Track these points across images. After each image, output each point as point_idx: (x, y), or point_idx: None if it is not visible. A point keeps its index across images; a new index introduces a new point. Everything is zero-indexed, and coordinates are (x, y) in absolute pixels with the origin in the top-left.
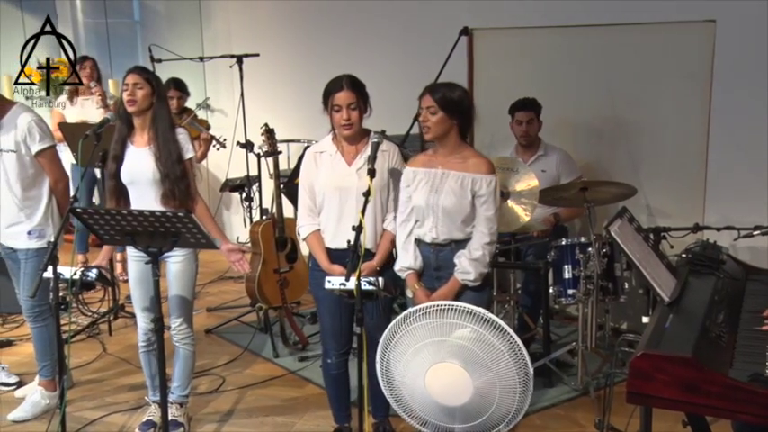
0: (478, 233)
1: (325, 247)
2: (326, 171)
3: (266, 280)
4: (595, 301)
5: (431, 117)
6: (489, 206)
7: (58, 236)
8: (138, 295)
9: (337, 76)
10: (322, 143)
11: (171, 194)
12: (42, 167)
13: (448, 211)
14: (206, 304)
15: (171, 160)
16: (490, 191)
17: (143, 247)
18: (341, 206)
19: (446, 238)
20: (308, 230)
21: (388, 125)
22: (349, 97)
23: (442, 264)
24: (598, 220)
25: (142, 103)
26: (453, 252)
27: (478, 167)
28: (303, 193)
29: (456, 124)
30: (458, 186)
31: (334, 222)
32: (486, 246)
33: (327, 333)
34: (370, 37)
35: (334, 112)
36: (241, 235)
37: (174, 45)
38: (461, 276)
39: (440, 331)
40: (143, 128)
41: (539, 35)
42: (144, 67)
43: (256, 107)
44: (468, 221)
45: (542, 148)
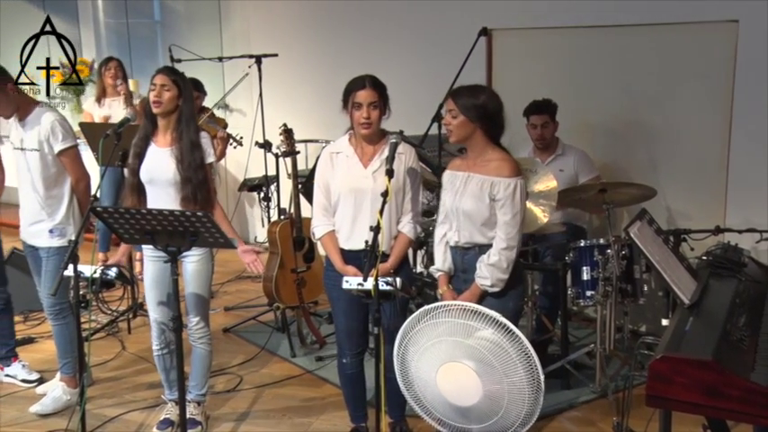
0: (497, 238)
1: (339, 247)
2: (342, 172)
3: (284, 280)
4: (614, 303)
5: (452, 120)
6: (507, 210)
7: (78, 234)
8: (154, 295)
9: (359, 76)
10: (338, 143)
11: (192, 198)
12: (64, 166)
13: (468, 215)
14: (224, 303)
15: (194, 165)
16: (507, 194)
17: (162, 246)
18: (356, 208)
19: (468, 242)
20: (322, 231)
21: (405, 126)
22: (370, 96)
23: (468, 267)
24: (617, 221)
25: (168, 105)
26: (477, 255)
27: (500, 170)
28: (318, 193)
29: (479, 128)
30: (477, 189)
31: (348, 224)
32: (503, 251)
33: (342, 333)
34: (388, 37)
35: (354, 109)
36: (259, 234)
37: (193, 45)
38: (480, 282)
39: (459, 331)
40: (167, 128)
41: (558, 35)
42: (173, 69)
43: (275, 107)
44: (489, 225)
45: (560, 148)
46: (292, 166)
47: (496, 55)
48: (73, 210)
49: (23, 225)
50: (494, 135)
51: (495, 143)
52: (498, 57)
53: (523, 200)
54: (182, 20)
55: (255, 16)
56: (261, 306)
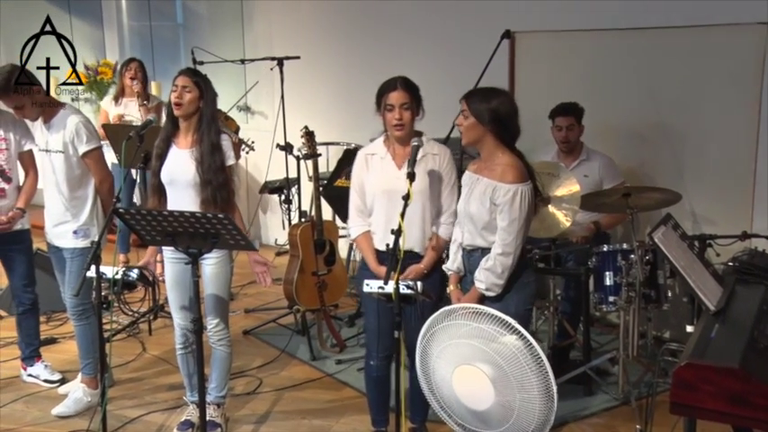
0: (495, 243)
1: (374, 248)
2: (376, 173)
3: (304, 283)
4: (637, 308)
5: (464, 121)
6: (504, 216)
7: (101, 236)
8: (175, 297)
9: (392, 77)
10: (373, 145)
11: (213, 200)
12: (88, 168)
13: (471, 218)
14: (244, 306)
15: (215, 167)
16: (506, 200)
17: (183, 248)
18: (390, 209)
19: (470, 244)
20: (357, 231)
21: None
22: (402, 97)
23: (473, 269)
24: (641, 226)
25: (188, 106)
26: (480, 258)
27: (503, 175)
28: (354, 194)
29: (490, 131)
30: (481, 193)
31: (383, 225)
32: (499, 257)
33: (372, 334)
34: (410, 40)
35: (386, 111)
36: (279, 237)
37: (215, 47)
38: (477, 285)
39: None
40: (188, 130)
41: (582, 38)
42: (195, 70)
43: (296, 109)
44: (490, 229)
45: (585, 153)
46: (313, 168)
47: (519, 58)
48: (97, 211)
49: (48, 226)
50: (505, 139)
51: (506, 147)
52: (521, 60)
53: (524, 207)
54: (204, 22)
55: (278, 18)
56: (281, 309)
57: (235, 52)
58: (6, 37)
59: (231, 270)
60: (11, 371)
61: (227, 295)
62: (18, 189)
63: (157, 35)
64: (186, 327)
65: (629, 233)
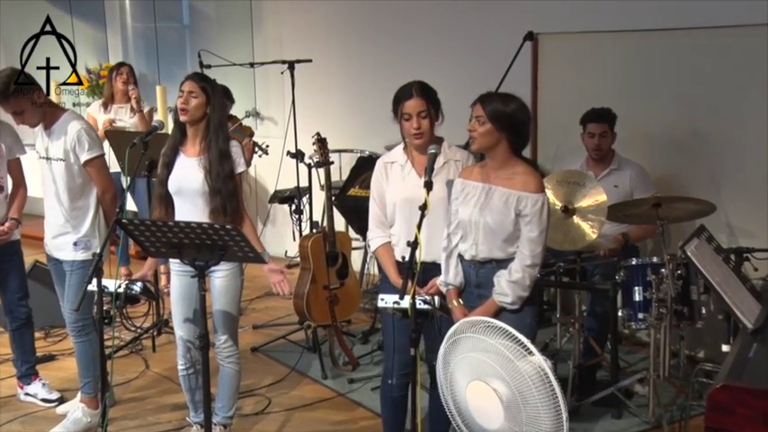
0: (520, 255)
1: (395, 260)
2: (396, 182)
3: (315, 297)
4: (669, 326)
5: (478, 127)
6: (533, 227)
7: (103, 248)
8: (180, 311)
9: (407, 83)
10: (393, 153)
11: (222, 210)
12: (90, 177)
13: (489, 229)
14: (252, 321)
15: (223, 175)
16: (535, 210)
17: (189, 260)
18: (411, 218)
19: (485, 257)
20: (378, 242)
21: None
22: (419, 105)
23: (483, 281)
24: (673, 238)
25: (195, 112)
26: (494, 270)
27: (526, 185)
28: (373, 204)
29: (505, 138)
30: (502, 204)
31: (405, 235)
32: (527, 269)
33: (391, 351)
34: (427, 43)
35: (404, 120)
36: (290, 249)
37: (223, 50)
38: (499, 298)
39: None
40: (195, 137)
41: (609, 40)
42: (202, 75)
43: (308, 115)
44: (510, 241)
45: (616, 162)
46: (326, 176)
47: (543, 61)
48: (98, 222)
49: (47, 237)
50: (518, 147)
51: (517, 155)
52: (545, 63)
53: (548, 217)
54: (212, 24)
55: (289, 20)
56: (291, 324)
57: (244, 55)
58: (6, 38)
59: (241, 283)
60: (7, 390)
61: (237, 310)
62: (7, 198)
63: (162, 37)
64: (190, 341)
65: (660, 246)
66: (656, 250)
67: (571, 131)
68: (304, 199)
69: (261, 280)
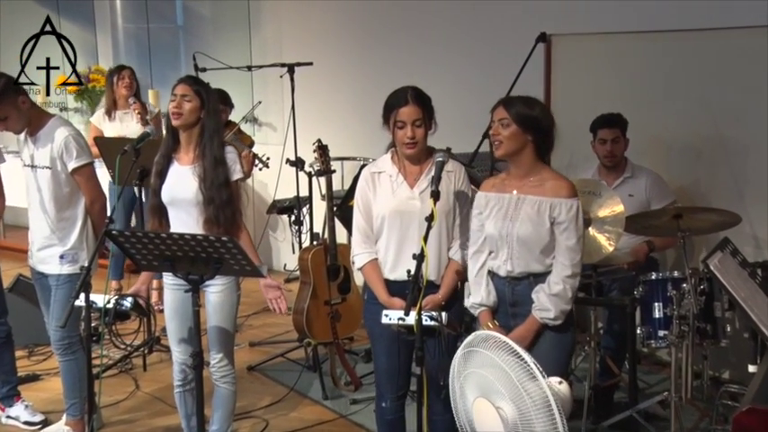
0: (559, 265)
1: (383, 278)
2: (386, 194)
3: (316, 313)
4: (691, 344)
5: (502, 130)
6: (570, 234)
7: (91, 261)
8: (175, 327)
9: (400, 89)
10: (380, 162)
11: (215, 220)
12: (78, 186)
13: (524, 241)
14: (249, 338)
15: (218, 183)
16: (571, 216)
17: (183, 274)
18: (402, 233)
19: (522, 271)
20: (364, 259)
21: (453, 142)
22: (414, 113)
23: (519, 299)
24: (695, 251)
25: (188, 117)
26: (531, 286)
27: (557, 190)
28: (359, 217)
29: (531, 141)
30: (534, 212)
31: (394, 251)
32: (568, 279)
33: (383, 374)
34: (435, 45)
35: (396, 128)
36: (289, 262)
37: (219, 52)
38: (540, 314)
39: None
40: (188, 144)
41: (626, 41)
42: (196, 78)
43: (308, 121)
44: (547, 252)
45: (629, 170)
46: (327, 186)
47: (556, 64)
48: (86, 233)
49: (32, 250)
50: (543, 152)
51: (543, 161)
52: (558, 66)
53: (583, 223)
54: (207, 25)
55: (288, 21)
56: (290, 342)
57: (241, 58)
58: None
59: (238, 299)
60: None
61: (233, 327)
62: None
63: (155, 39)
64: (185, 362)
65: (681, 259)
66: (678, 264)
67: (585, 138)
68: (304, 209)
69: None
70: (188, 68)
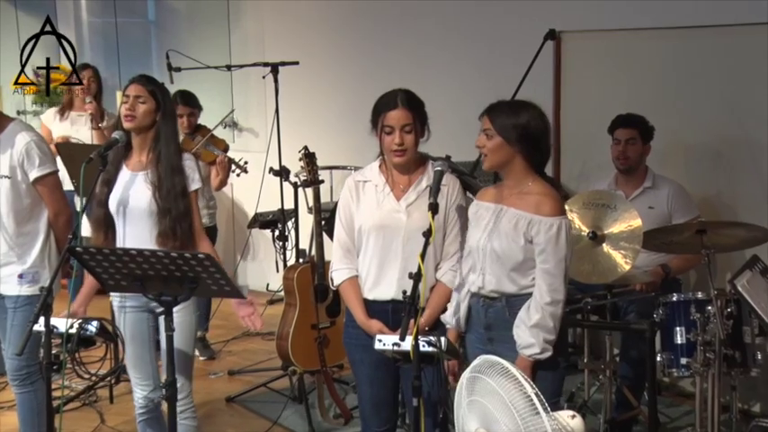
0: (537, 291)
1: (362, 297)
2: (370, 205)
3: (302, 337)
4: (718, 374)
5: (486, 142)
6: (548, 257)
7: (53, 281)
8: (131, 354)
9: (390, 91)
10: (367, 170)
11: (171, 233)
12: (41, 197)
13: (497, 255)
14: (227, 366)
15: (174, 193)
16: (549, 237)
17: (154, 295)
18: (384, 249)
19: (493, 290)
20: (342, 276)
21: (453, 150)
22: (403, 117)
23: (493, 322)
24: (721, 270)
25: (142, 119)
26: (504, 310)
27: (539, 206)
28: (340, 230)
29: (519, 152)
30: (511, 227)
31: (374, 268)
32: (547, 307)
33: (367, 405)
34: (432, 42)
35: (384, 134)
36: (272, 281)
37: (195, 50)
38: (526, 352)
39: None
40: (141, 148)
41: (643, 38)
42: (149, 77)
43: (294, 126)
44: (520, 271)
45: (649, 179)
46: (314, 197)
47: (566, 63)
48: (49, 250)
49: None
50: (536, 162)
51: (537, 172)
52: (569, 65)
53: (569, 243)
54: (181, 20)
55: (271, 16)
56: (273, 370)
57: (219, 56)
58: None
59: (195, 322)
60: None
61: (193, 348)
62: None
63: (124, 35)
64: (148, 393)
65: (706, 279)
66: (702, 284)
67: (599, 144)
68: (289, 223)
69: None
70: (160, 68)
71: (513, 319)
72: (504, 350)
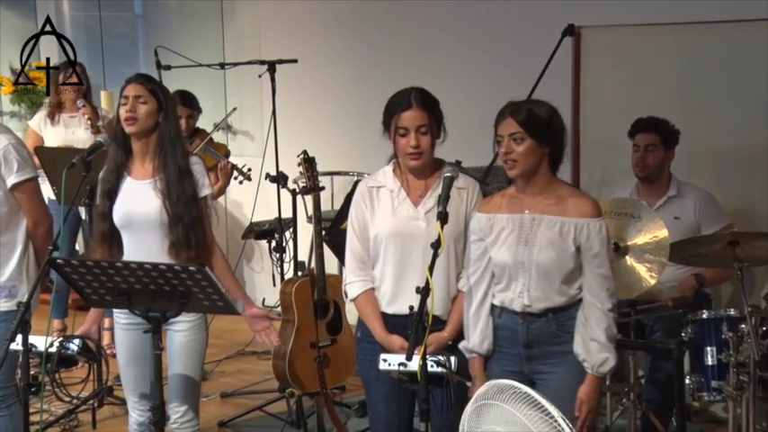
0: (595, 300)
1: (380, 311)
2: (386, 212)
3: (300, 357)
4: (752, 398)
5: (516, 147)
6: (602, 261)
7: (31, 295)
8: (132, 376)
9: (403, 90)
10: (380, 175)
11: (185, 243)
12: (19, 205)
13: (545, 270)
14: (220, 388)
15: (185, 198)
16: (602, 239)
17: (142, 311)
18: (403, 259)
19: (542, 306)
20: (358, 289)
21: (465, 154)
22: (419, 117)
23: (535, 339)
24: (755, 285)
25: (144, 121)
26: (549, 324)
27: (581, 209)
28: (353, 239)
29: (548, 153)
30: (555, 235)
31: (393, 280)
32: (610, 314)
33: (380, 427)
34: (443, 39)
35: (399, 136)
36: (268, 296)
37: (186, 47)
38: (604, 369)
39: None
40: (144, 154)
41: (669, 34)
42: (149, 76)
43: (292, 129)
44: (569, 281)
45: (674, 187)
46: (314, 206)
47: (586, 61)
48: (27, 263)
49: None
50: (557, 163)
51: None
52: (589, 63)
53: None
54: (171, 14)
55: (269, 11)
56: (269, 392)
57: (212, 54)
58: None
59: (206, 340)
60: None
61: (200, 374)
62: None
63: (109, 30)
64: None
65: (738, 294)
66: (734, 300)
67: (620, 149)
68: (287, 234)
69: (233, 335)
70: (148, 66)
71: (559, 331)
72: (546, 367)
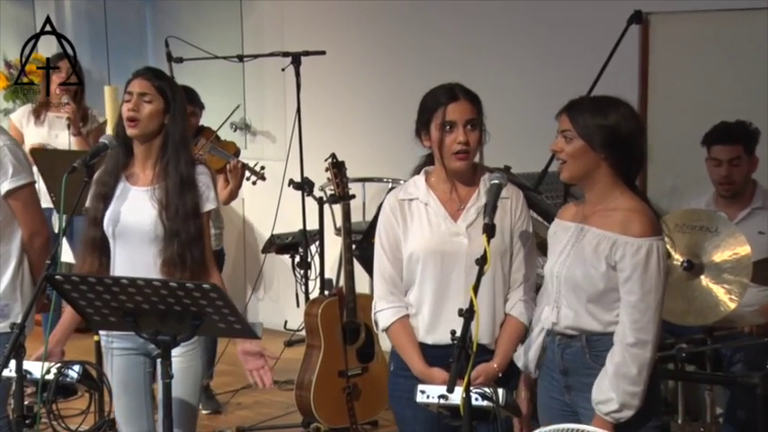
0: (619, 329)
1: (417, 341)
2: (421, 228)
3: (327, 387)
4: None
5: (565, 145)
6: (633, 287)
7: (26, 316)
8: (124, 407)
9: (441, 85)
10: (410, 186)
11: (180, 261)
12: (14, 214)
13: (574, 285)
14: (236, 422)
15: (184, 212)
16: (637, 262)
17: (150, 334)
18: (443, 281)
19: (571, 326)
20: (390, 317)
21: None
22: (468, 111)
23: (571, 366)
24: None
25: (148, 123)
26: (586, 351)
27: (625, 225)
28: (383, 260)
29: (605, 160)
30: (591, 250)
31: (432, 305)
32: (631, 349)
33: None
34: (486, 29)
35: (444, 132)
36: (291, 318)
37: (201, 37)
38: (603, 409)
39: None
40: (146, 159)
41: (749, 21)
42: (158, 71)
43: (319, 129)
44: (602, 304)
45: (759, 198)
46: (343, 216)
47: (655, 51)
48: (22, 278)
49: None
50: (626, 172)
51: (626, 184)
52: (658, 54)
53: (662, 272)
54: (183, 1)
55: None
56: (292, 427)
57: (229, 45)
58: None
59: (203, 365)
60: None
61: (198, 401)
62: None
63: (114, 18)
64: None
65: None
66: None
67: (695, 152)
68: (312, 247)
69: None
70: (158, 58)
71: (594, 362)
72: (583, 401)
